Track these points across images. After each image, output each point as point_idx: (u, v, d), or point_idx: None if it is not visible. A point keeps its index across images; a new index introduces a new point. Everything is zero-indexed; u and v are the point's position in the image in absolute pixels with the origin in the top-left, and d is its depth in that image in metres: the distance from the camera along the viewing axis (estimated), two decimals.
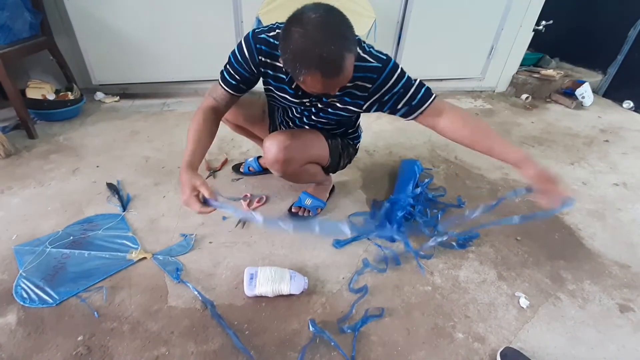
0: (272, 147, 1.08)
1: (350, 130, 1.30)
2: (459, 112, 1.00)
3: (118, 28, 2.13)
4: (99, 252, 1.16)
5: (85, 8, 2.03)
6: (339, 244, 1.24)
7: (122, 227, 1.27)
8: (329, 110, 1.08)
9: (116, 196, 1.41)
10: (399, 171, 1.60)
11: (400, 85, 0.97)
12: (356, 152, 1.39)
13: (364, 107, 1.05)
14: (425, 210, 1.41)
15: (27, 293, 1.02)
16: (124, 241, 1.21)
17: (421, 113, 1.00)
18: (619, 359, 0.95)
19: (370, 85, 0.98)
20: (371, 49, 0.97)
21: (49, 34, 2.05)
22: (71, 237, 1.21)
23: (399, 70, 0.97)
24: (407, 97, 0.99)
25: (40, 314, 0.97)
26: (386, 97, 1.00)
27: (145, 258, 1.15)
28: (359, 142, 1.38)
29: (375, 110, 1.06)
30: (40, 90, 2.00)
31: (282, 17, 1.00)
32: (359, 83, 0.98)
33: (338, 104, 1.05)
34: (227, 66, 1.03)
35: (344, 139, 1.30)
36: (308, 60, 0.76)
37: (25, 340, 0.90)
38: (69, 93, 2.10)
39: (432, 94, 1.00)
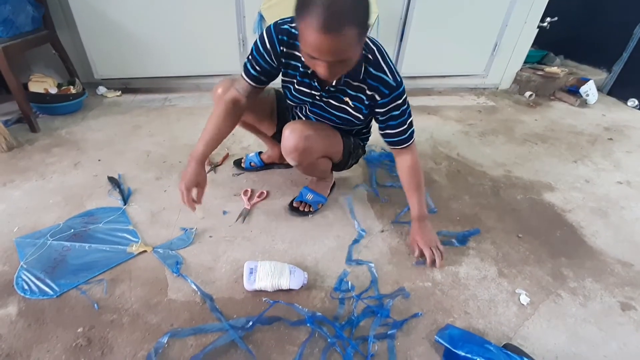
0: (293, 135, 1.06)
1: (363, 130, 1.31)
2: (414, 161, 1.13)
3: (120, 22, 2.13)
4: (100, 245, 1.16)
5: (87, 2, 2.02)
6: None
7: (123, 221, 1.28)
8: (337, 112, 1.08)
9: (117, 190, 1.42)
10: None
11: (399, 112, 1.03)
12: (364, 153, 1.39)
13: (365, 115, 1.08)
14: None
15: (27, 284, 1.02)
16: (125, 234, 1.21)
17: (396, 148, 1.11)
18: (621, 357, 0.94)
19: (379, 99, 1.01)
20: (392, 65, 0.99)
21: (51, 28, 2.05)
22: (72, 230, 1.21)
23: (404, 97, 1.02)
24: (396, 128, 1.06)
25: (41, 306, 0.97)
26: (383, 117, 1.05)
27: (145, 251, 1.15)
28: (367, 142, 1.38)
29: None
30: (42, 84, 2.01)
31: (284, 13, 0.99)
32: (371, 93, 1.00)
33: (349, 107, 1.06)
34: (250, 57, 1.03)
35: (356, 139, 1.30)
36: (312, 1, 0.72)
37: (26, 331, 0.91)
38: (71, 87, 2.11)
39: (413, 138, 1.10)
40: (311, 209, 1.36)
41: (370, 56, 0.96)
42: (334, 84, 1.01)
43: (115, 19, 2.11)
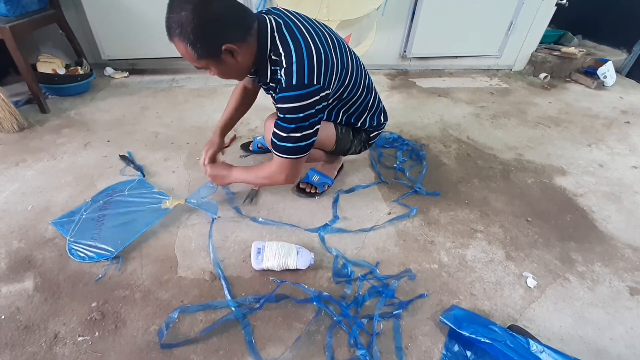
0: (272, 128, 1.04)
1: (357, 118, 1.22)
2: (271, 172, 1.07)
3: (127, 2, 2.09)
4: (134, 207, 1.21)
5: None
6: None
7: (147, 186, 1.31)
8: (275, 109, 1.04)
9: (131, 165, 1.45)
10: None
11: (283, 115, 0.95)
12: (371, 138, 1.32)
13: None
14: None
15: (83, 253, 1.07)
16: (154, 195, 1.26)
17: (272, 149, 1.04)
18: (627, 340, 0.94)
19: (274, 95, 1.01)
20: (305, 74, 0.90)
21: (58, 7, 2.03)
22: (101, 202, 1.24)
23: (298, 105, 0.92)
24: (276, 127, 0.99)
25: (56, 281, 1.00)
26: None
27: (179, 204, 1.22)
28: (375, 130, 1.30)
29: None
30: (50, 64, 2.00)
31: None
32: (272, 85, 1.01)
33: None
34: None
35: (357, 128, 1.26)
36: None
37: (42, 305, 0.94)
38: (79, 68, 2.10)
39: (282, 154, 1.01)
40: (317, 191, 1.36)
41: (284, 62, 0.92)
42: (258, 81, 1.09)
43: None
